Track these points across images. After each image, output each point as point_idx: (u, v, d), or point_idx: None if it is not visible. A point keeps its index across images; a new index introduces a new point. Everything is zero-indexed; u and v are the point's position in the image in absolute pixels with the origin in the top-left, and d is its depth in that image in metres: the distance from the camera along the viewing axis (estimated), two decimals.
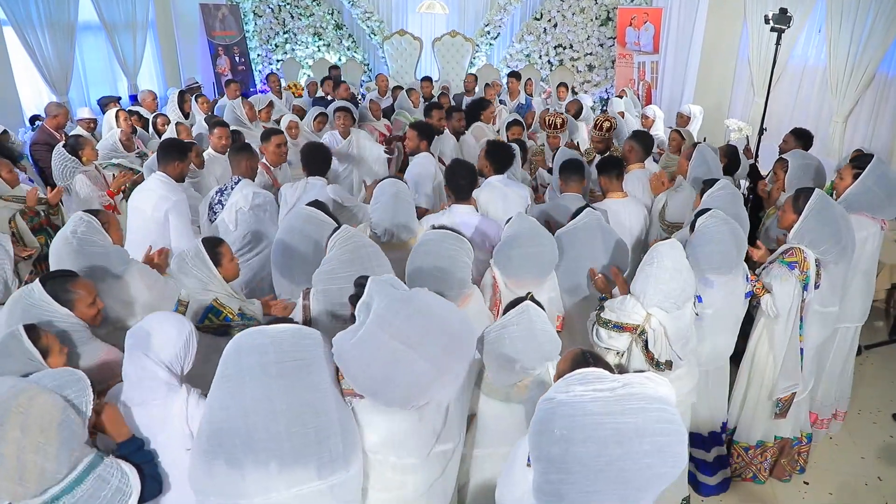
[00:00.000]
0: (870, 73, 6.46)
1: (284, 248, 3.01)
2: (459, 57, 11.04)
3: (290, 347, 1.68)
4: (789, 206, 3.05)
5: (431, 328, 1.74)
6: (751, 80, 8.39)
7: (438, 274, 2.43)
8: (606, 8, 10.71)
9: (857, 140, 6.69)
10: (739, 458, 3.38)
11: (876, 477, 3.50)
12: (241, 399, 1.62)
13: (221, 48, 10.21)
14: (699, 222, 2.85)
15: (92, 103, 7.63)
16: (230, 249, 2.72)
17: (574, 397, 1.39)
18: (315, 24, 11.31)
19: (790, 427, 3.31)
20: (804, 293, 2.95)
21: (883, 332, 5.04)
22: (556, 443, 1.37)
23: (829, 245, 2.94)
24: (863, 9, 6.39)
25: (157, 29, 9.40)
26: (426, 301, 1.82)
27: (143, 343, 1.97)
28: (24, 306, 2.18)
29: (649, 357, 2.60)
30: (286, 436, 1.61)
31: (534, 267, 2.78)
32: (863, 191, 3.23)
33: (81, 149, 4.44)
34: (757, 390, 3.20)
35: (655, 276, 2.49)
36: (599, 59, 11.07)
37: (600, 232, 3.08)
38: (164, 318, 2.07)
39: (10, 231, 3.93)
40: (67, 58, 7.40)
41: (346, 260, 2.41)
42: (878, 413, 4.04)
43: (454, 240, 2.52)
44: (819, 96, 7.40)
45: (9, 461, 1.44)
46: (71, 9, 7.38)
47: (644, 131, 5.06)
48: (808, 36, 7.55)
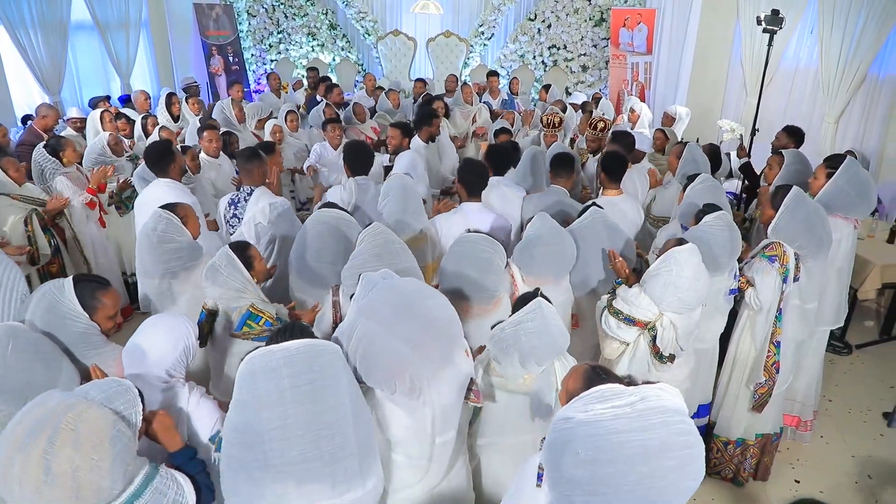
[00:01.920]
0: (861, 74, 6.50)
1: (314, 250, 3.01)
2: (454, 57, 11.05)
3: (304, 369, 1.64)
4: (768, 203, 3.16)
5: (407, 311, 1.82)
6: (743, 81, 8.42)
7: (475, 275, 2.52)
8: (600, 9, 10.74)
9: (848, 140, 6.73)
10: (719, 452, 3.40)
11: (866, 475, 3.52)
12: (257, 426, 1.61)
13: (215, 48, 10.19)
14: (705, 220, 2.94)
15: (84, 103, 7.61)
16: (258, 251, 2.73)
17: (595, 416, 1.35)
18: (309, 24, 11.30)
19: (770, 422, 3.34)
20: (783, 286, 3.03)
21: (873, 332, 5.07)
22: (580, 465, 1.34)
23: (804, 241, 3.03)
24: (854, 10, 6.43)
25: (150, 28, 9.35)
26: (405, 287, 1.90)
27: (139, 363, 1.99)
28: (50, 301, 2.19)
29: (655, 350, 2.66)
30: (300, 460, 1.60)
31: (555, 265, 2.88)
32: (835, 190, 3.30)
33: (62, 150, 4.40)
34: (738, 382, 3.26)
35: (675, 283, 2.53)
36: (593, 59, 11.10)
37: (605, 229, 3.19)
38: (156, 330, 2.08)
39: (27, 234, 3.96)
40: (60, 57, 7.36)
41: (375, 254, 2.48)
42: (869, 412, 4.06)
43: (489, 244, 2.61)
44: (811, 97, 7.44)
45: (63, 479, 1.39)
46: (64, 8, 7.34)
47: (625, 131, 5.14)
48: (801, 37, 7.59)
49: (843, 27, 6.59)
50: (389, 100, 7.57)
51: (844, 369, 4.56)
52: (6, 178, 4.01)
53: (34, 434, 1.41)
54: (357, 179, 3.86)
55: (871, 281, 4.60)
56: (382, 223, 3.12)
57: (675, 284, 2.52)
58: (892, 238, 4.94)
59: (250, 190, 3.61)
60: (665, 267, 2.56)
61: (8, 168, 4.02)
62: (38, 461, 1.38)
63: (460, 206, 3.61)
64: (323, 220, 2.99)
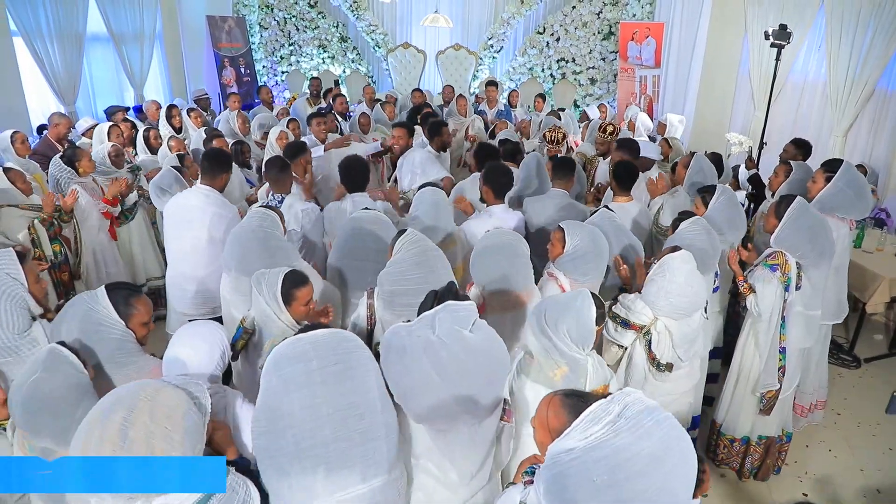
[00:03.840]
0: (869, 89, 6.52)
1: (350, 252, 3.13)
2: (463, 70, 11.14)
3: (331, 352, 1.67)
4: (772, 212, 3.24)
5: (470, 372, 1.85)
6: (751, 95, 8.44)
7: (502, 259, 2.62)
8: (609, 23, 10.82)
9: (856, 154, 6.73)
10: (725, 448, 3.52)
11: (875, 490, 3.50)
12: (288, 408, 1.62)
13: (227, 60, 10.33)
14: (682, 227, 3.13)
15: (99, 113, 7.72)
16: (309, 293, 2.63)
17: (597, 440, 1.33)
18: (320, 36, 11.44)
19: (775, 425, 3.41)
20: (786, 294, 3.11)
21: (883, 346, 5.05)
22: (600, 491, 1.31)
23: (806, 250, 3.11)
24: (862, 25, 6.46)
25: (164, 40, 9.48)
26: (477, 344, 1.90)
27: (181, 371, 2.00)
28: (85, 311, 2.18)
29: (651, 357, 2.75)
30: (332, 440, 1.62)
31: (596, 270, 2.90)
32: (835, 192, 3.49)
33: (78, 160, 4.42)
34: (744, 386, 3.35)
35: (666, 289, 2.68)
36: (601, 72, 11.16)
37: (613, 230, 3.27)
38: (194, 339, 2.10)
39: (30, 237, 4.00)
40: (75, 68, 7.48)
41: (415, 263, 2.53)
42: (878, 426, 4.04)
43: (511, 234, 2.73)
44: (819, 111, 7.45)
45: (139, 446, 1.43)
46: (80, 20, 7.47)
47: (629, 138, 5.19)
48: (809, 51, 7.61)
49: (850, 42, 6.62)
50: (385, 111, 7.61)
51: (853, 383, 4.54)
52: (15, 189, 4.04)
53: (114, 407, 1.46)
54: (354, 197, 3.81)
55: (880, 294, 4.59)
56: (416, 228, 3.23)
57: (666, 289, 2.67)
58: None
59: (281, 198, 3.65)
60: (659, 273, 2.72)
61: (16, 180, 4.07)
62: (117, 428, 1.42)
63: (487, 208, 3.73)
64: (361, 221, 3.15)
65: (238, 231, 2.99)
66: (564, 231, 2.86)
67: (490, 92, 8.48)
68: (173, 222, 3.64)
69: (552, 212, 3.75)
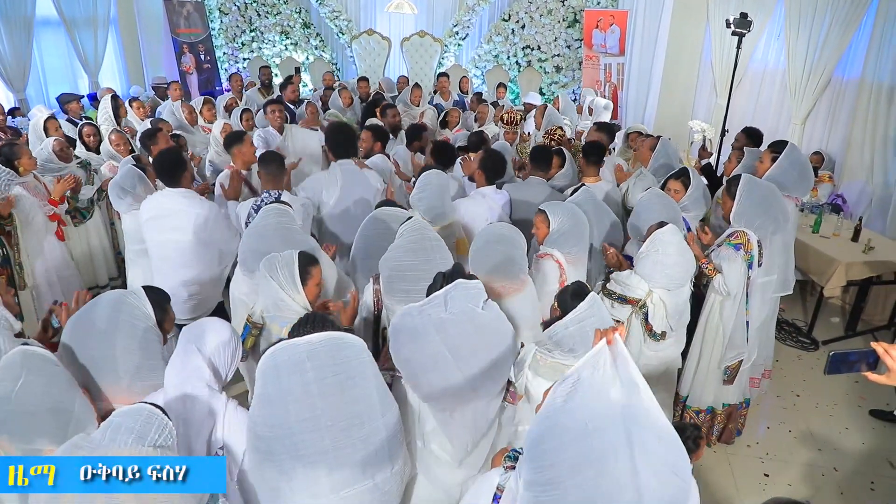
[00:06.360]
0: (826, 77, 6.67)
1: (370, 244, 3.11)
2: (428, 57, 11.05)
3: (328, 362, 1.65)
4: (726, 195, 3.42)
5: (480, 349, 1.93)
6: (714, 83, 8.57)
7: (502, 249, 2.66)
8: (573, 10, 10.84)
9: (814, 141, 6.90)
10: (691, 420, 3.62)
11: (832, 467, 3.62)
12: (286, 419, 1.63)
13: (186, 46, 10.04)
14: (641, 197, 3.43)
15: (51, 101, 7.43)
16: (320, 271, 2.63)
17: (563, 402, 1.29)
18: (282, 22, 11.20)
19: (736, 394, 3.61)
20: (749, 271, 3.24)
21: (839, 328, 5.20)
22: (583, 437, 1.20)
23: (763, 219, 3.26)
24: (819, 15, 6.60)
25: (119, 25, 9.17)
26: (488, 322, 1.99)
27: (197, 339, 2.03)
28: (130, 306, 2.19)
29: (648, 328, 2.97)
30: (332, 448, 1.63)
31: (582, 241, 3.09)
32: (780, 172, 3.65)
33: (17, 158, 3.96)
34: (707, 360, 3.46)
35: (662, 262, 2.88)
36: (567, 60, 11.20)
37: (594, 208, 3.47)
38: (219, 322, 2.16)
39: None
40: (24, 54, 7.20)
41: (411, 249, 2.59)
42: (835, 406, 4.16)
43: (509, 227, 2.80)
44: (778, 99, 7.61)
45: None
46: (28, 3, 7.17)
47: (607, 122, 5.38)
48: (768, 40, 7.75)
49: (808, 31, 6.75)
50: (341, 98, 7.47)
51: (811, 364, 4.67)
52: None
53: None
54: (341, 163, 3.79)
55: (837, 278, 4.72)
56: (427, 213, 3.34)
57: (662, 263, 2.87)
58: (857, 237, 5.06)
59: (278, 194, 3.49)
60: (652, 247, 2.90)
61: (23, 156, 3.86)
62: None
63: (478, 189, 3.90)
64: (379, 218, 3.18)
65: (257, 230, 2.91)
66: (546, 212, 3.06)
67: (442, 83, 8.51)
68: (156, 227, 3.47)
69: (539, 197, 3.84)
